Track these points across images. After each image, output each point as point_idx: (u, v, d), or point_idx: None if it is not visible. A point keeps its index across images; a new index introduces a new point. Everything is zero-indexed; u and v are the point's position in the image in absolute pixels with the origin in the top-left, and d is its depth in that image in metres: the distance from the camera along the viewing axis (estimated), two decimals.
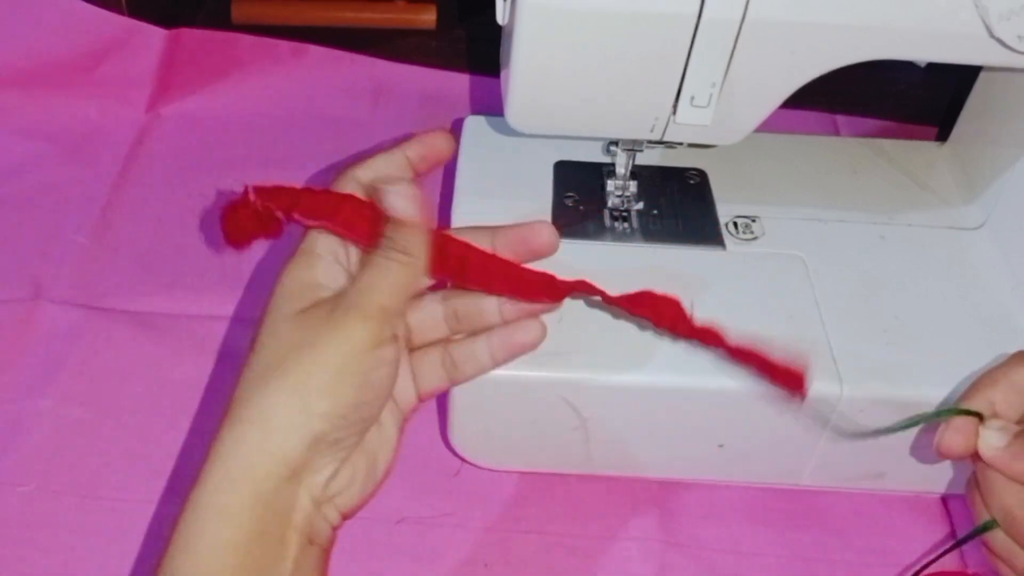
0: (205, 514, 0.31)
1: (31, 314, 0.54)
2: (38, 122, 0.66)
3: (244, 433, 0.31)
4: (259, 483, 0.31)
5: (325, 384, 0.31)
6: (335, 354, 0.32)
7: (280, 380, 0.31)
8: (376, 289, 0.33)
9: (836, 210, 0.50)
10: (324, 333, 0.32)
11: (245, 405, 0.32)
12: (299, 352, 0.32)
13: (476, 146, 0.53)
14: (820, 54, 0.39)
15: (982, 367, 0.42)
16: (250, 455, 0.31)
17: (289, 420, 0.31)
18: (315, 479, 0.32)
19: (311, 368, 0.31)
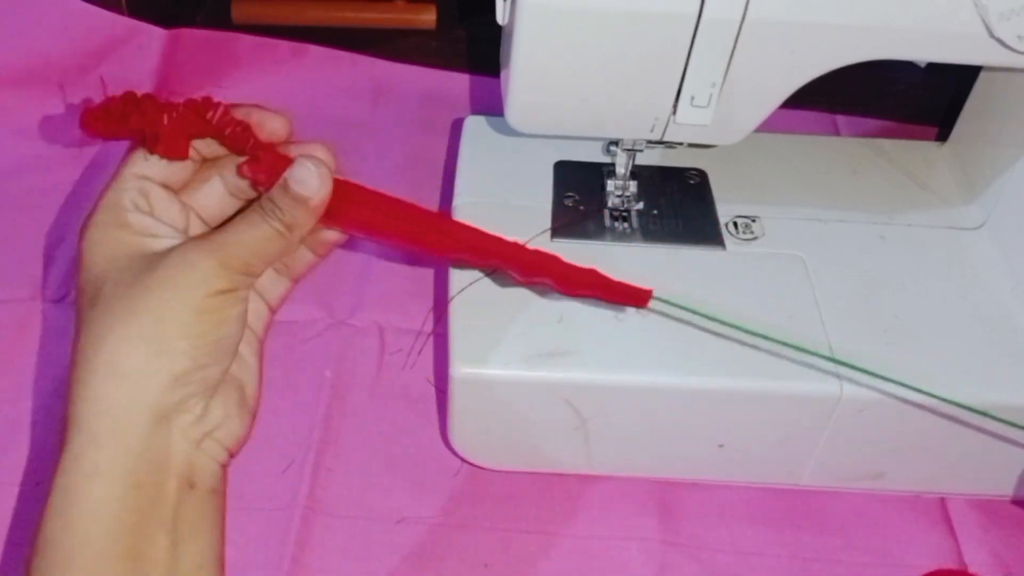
0: (74, 476, 0.29)
1: (31, 314, 0.54)
2: (38, 122, 0.66)
3: (100, 386, 0.30)
4: (125, 435, 0.30)
5: (183, 323, 0.30)
6: (192, 295, 0.30)
7: (131, 327, 0.30)
8: (242, 244, 0.32)
9: (836, 210, 0.50)
10: (180, 273, 0.30)
11: (95, 354, 0.30)
12: (149, 292, 0.30)
13: (476, 146, 0.53)
14: (820, 54, 0.39)
15: (982, 367, 0.42)
16: (111, 409, 0.30)
17: (147, 364, 0.30)
18: (185, 419, 0.31)
19: (166, 309, 0.30)
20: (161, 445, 0.30)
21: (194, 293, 0.30)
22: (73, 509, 0.29)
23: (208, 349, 0.31)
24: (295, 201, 0.32)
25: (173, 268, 0.30)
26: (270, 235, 0.32)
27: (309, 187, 0.32)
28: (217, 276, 0.31)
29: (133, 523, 0.29)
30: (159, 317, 0.30)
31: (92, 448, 0.29)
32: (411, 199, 0.63)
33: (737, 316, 0.44)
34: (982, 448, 0.44)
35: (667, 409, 0.42)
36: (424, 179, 0.64)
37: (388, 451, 0.48)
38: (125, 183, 0.33)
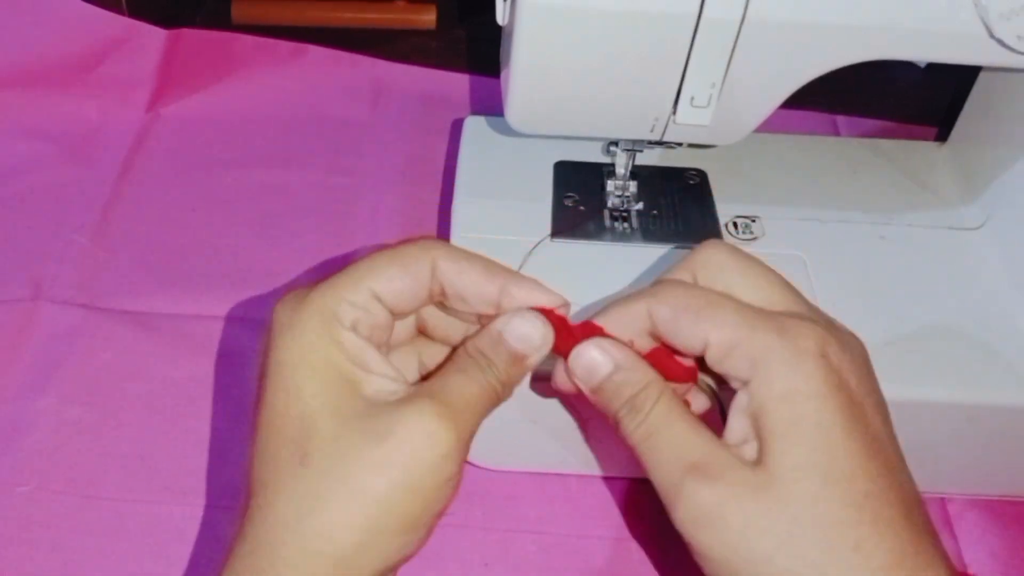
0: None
1: (31, 314, 0.54)
2: (38, 122, 0.66)
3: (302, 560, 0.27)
4: None
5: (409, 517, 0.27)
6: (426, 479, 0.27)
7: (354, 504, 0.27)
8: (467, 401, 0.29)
9: (836, 210, 0.50)
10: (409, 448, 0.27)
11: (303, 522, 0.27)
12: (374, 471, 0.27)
13: (476, 146, 0.53)
14: (820, 54, 0.39)
15: (982, 367, 0.42)
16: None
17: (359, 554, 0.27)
18: None
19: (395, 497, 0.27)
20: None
21: (428, 479, 0.27)
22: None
23: (421, 538, 0.29)
24: (512, 357, 0.30)
25: (405, 441, 0.27)
26: (489, 391, 0.30)
27: (530, 343, 0.30)
28: (452, 447, 0.28)
29: None
30: (387, 507, 0.27)
31: None
32: (411, 199, 0.63)
33: None
34: (982, 448, 0.44)
35: None
36: (424, 179, 0.64)
37: None
38: (356, 296, 0.29)
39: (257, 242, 0.59)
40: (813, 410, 0.27)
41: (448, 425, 0.28)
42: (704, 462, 0.28)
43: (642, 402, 0.30)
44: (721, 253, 0.32)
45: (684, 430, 0.29)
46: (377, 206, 0.62)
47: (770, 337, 0.28)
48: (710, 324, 0.29)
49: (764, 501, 0.27)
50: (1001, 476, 0.46)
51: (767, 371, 0.28)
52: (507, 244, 0.46)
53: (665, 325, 0.30)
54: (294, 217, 0.61)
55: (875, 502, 0.27)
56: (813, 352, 0.28)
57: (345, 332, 0.29)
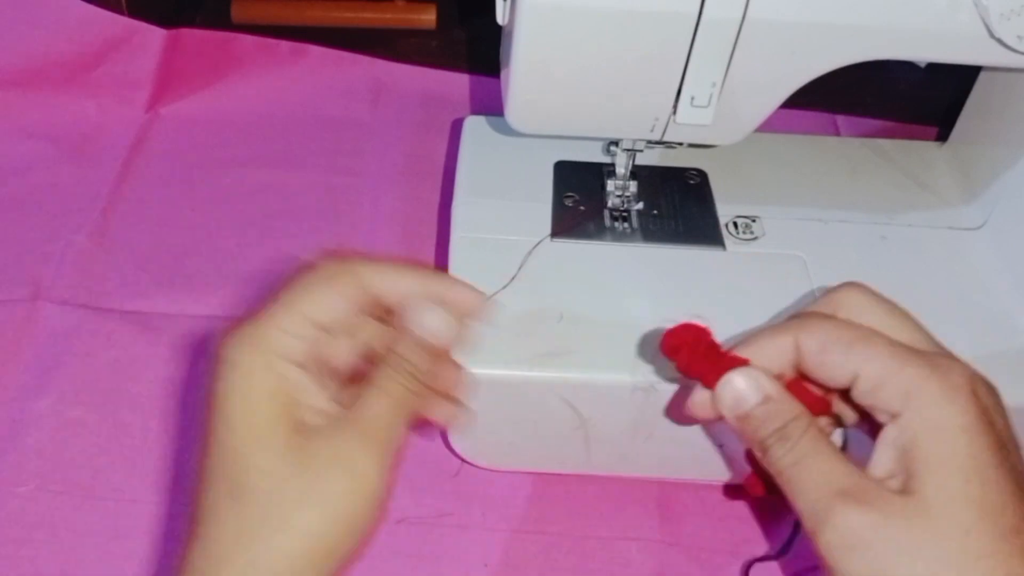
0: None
1: (31, 314, 0.54)
2: (38, 122, 0.66)
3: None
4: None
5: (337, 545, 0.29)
6: (350, 511, 0.29)
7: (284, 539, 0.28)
8: (385, 423, 0.30)
9: (836, 210, 0.50)
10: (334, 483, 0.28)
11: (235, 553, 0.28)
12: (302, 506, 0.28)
13: (476, 146, 0.53)
14: (820, 54, 0.39)
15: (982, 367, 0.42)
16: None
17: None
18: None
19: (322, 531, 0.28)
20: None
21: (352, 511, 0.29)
22: None
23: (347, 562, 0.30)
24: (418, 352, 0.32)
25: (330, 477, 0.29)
26: (401, 395, 0.31)
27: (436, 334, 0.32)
28: (374, 477, 0.29)
29: None
30: (315, 540, 0.28)
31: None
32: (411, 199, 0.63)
33: (737, 316, 0.44)
34: None
35: (667, 409, 0.42)
36: (424, 179, 0.64)
37: None
38: (290, 323, 0.31)
39: (257, 242, 0.59)
40: (967, 444, 0.28)
41: (367, 450, 0.29)
42: (855, 488, 0.29)
43: (791, 432, 0.31)
44: (862, 293, 0.33)
45: (832, 458, 0.30)
46: (377, 206, 0.62)
47: (924, 372, 0.29)
48: (861, 357, 0.30)
49: (916, 529, 0.28)
50: None
51: (920, 404, 0.29)
52: (507, 244, 0.46)
53: (813, 357, 0.32)
54: (294, 217, 0.61)
55: (1022, 538, 0.28)
56: (965, 389, 0.29)
57: (281, 362, 0.30)
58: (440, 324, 0.32)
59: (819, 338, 0.31)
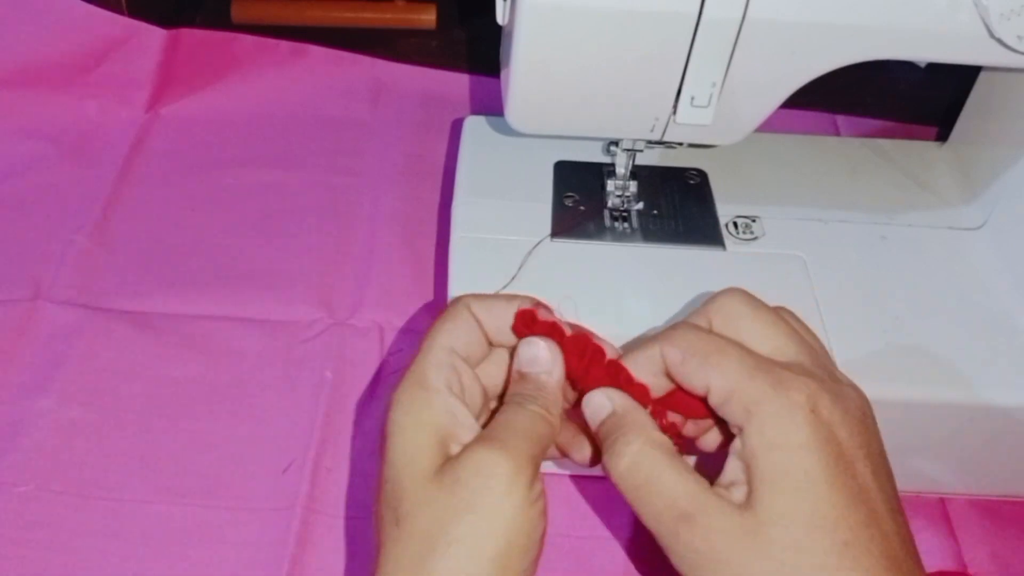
0: None
1: (31, 314, 0.54)
2: (38, 122, 0.66)
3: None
4: None
5: (499, 551, 0.29)
6: (502, 515, 0.29)
7: (444, 558, 0.29)
8: (526, 432, 0.31)
9: (836, 210, 0.50)
10: (483, 496, 0.29)
11: None
12: (458, 524, 0.29)
13: (476, 146, 0.53)
14: (820, 54, 0.39)
15: (982, 367, 0.42)
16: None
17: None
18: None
19: (477, 539, 0.29)
20: None
21: (504, 511, 0.29)
22: None
23: (523, 567, 0.30)
24: (536, 385, 0.33)
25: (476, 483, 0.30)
26: (535, 417, 0.32)
27: (542, 364, 0.33)
28: (521, 477, 0.30)
29: None
30: (470, 550, 0.29)
31: None
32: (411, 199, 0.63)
33: None
34: (982, 448, 0.44)
35: None
36: (424, 179, 0.64)
37: None
38: (438, 356, 0.33)
39: (257, 242, 0.59)
40: (799, 461, 0.29)
41: (500, 453, 0.30)
42: (694, 511, 0.30)
43: (621, 447, 0.31)
44: (736, 300, 0.34)
45: (672, 478, 0.30)
46: (377, 206, 0.62)
47: (764, 388, 0.30)
48: (713, 370, 0.31)
49: (754, 545, 0.29)
50: (1001, 476, 0.46)
51: (759, 420, 0.30)
52: (507, 244, 0.46)
53: (675, 368, 0.33)
54: (294, 217, 0.61)
55: (855, 550, 0.28)
56: (803, 405, 0.30)
57: (436, 394, 0.32)
58: (540, 354, 0.33)
59: (680, 349, 0.32)
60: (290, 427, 0.49)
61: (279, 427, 0.49)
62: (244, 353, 0.52)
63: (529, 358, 0.33)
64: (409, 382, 0.32)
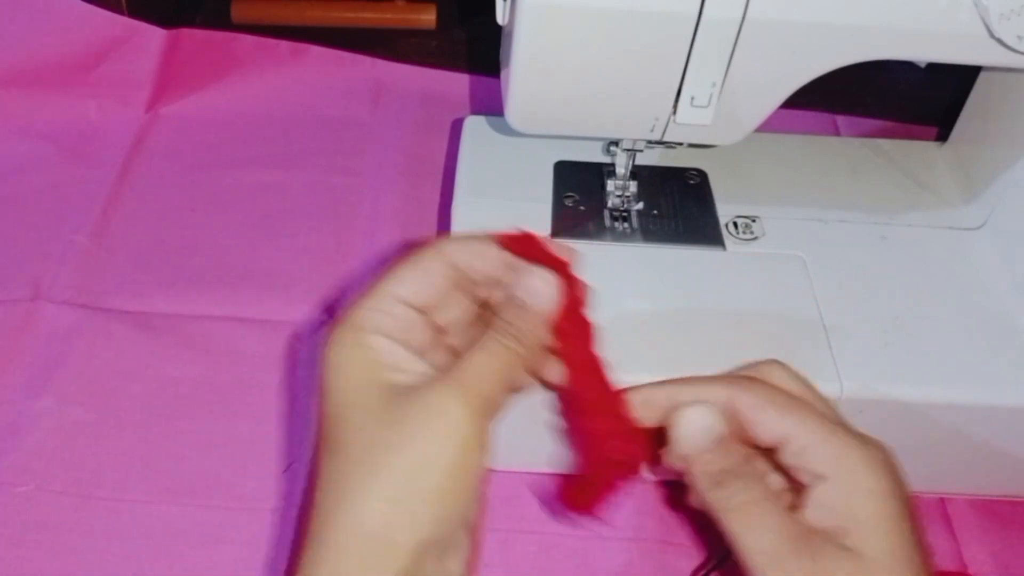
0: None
1: (31, 314, 0.54)
2: (38, 122, 0.66)
3: (344, 544, 0.28)
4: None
5: (432, 488, 0.28)
6: (441, 452, 0.29)
7: (377, 484, 0.28)
8: (483, 378, 0.30)
9: (836, 210, 0.50)
10: (423, 428, 0.29)
11: (338, 508, 0.28)
12: (392, 451, 0.29)
13: (476, 146, 0.53)
14: (820, 54, 0.39)
15: (982, 367, 0.42)
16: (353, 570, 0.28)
17: (393, 531, 0.28)
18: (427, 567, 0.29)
19: (414, 472, 0.28)
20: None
21: (446, 453, 0.29)
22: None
23: (454, 511, 0.29)
24: (523, 317, 0.32)
25: (422, 421, 0.29)
26: (504, 356, 0.31)
27: (540, 297, 0.33)
28: (471, 426, 0.29)
29: None
30: (407, 480, 0.28)
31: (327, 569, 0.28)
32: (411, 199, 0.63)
33: (737, 316, 0.44)
34: (982, 448, 0.44)
35: None
36: (424, 179, 0.64)
37: None
38: (378, 303, 0.32)
39: (257, 242, 0.59)
40: (891, 506, 0.32)
41: (456, 396, 0.30)
42: (805, 538, 0.32)
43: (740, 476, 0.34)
44: (784, 370, 0.37)
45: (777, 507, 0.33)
46: (377, 206, 0.62)
47: (853, 441, 0.34)
48: (794, 421, 0.34)
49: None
50: (1001, 476, 0.46)
51: (851, 469, 0.33)
52: None
53: (748, 413, 0.34)
54: (294, 217, 0.61)
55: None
56: (885, 460, 0.34)
57: (371, 336, 0.31)
58: (541, 285, 0.33)
59: (757, 398, 0.34)
60: (290, 427, 0.49)
61: (279, 427, 0.49)
62: (244, 353, 0.52)
63: (531, 289, 0.33)
64: (343, 324, 0.32)
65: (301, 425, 0.49)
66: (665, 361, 0.42)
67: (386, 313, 0.32)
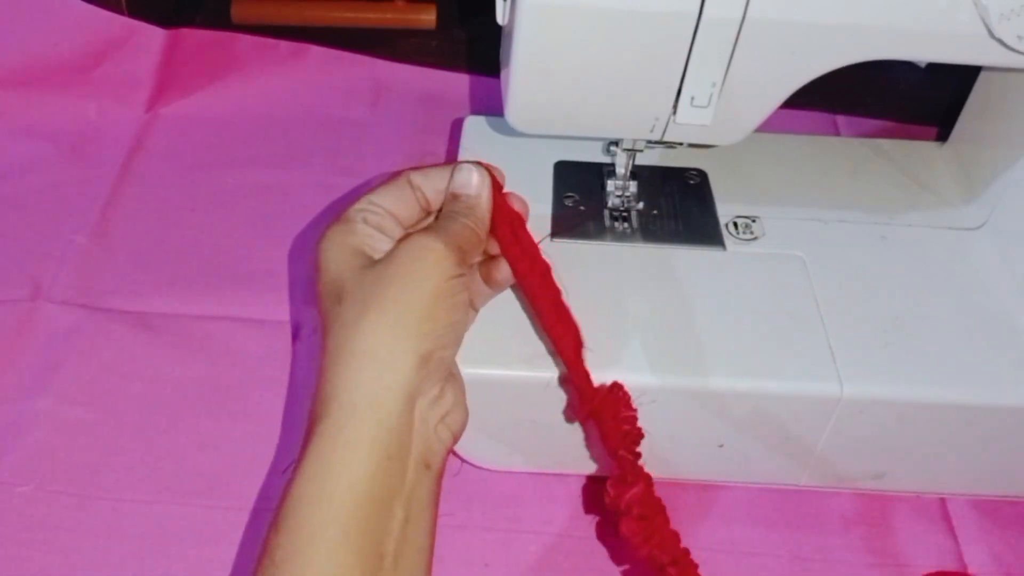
0: (333, 445, 0.32)
1: (31, 314, 0.54)
2: (38, 122, 0.66)
3: (358, 368, 0.33)
4: (381, 411, 0.33)
5: (425, 308, 0.34)
6: (429, 282, 0.34)
7: (381, 315, 0.33)
8: (455, 233, 0.36)
9: (836, 210, 0.50)
10: (417, 260, 0.35)
11: (348, 340, 0.33)
12: (392, 283, 0.34)
13: (476, 146, 0.53)
14: (820, 54, 0.39)
15: (982, 367, 0.42)
16: (369, 387, 0.33)
17: (397, 347, 0.33)
18: (424, 400, 0.35)
19: (409, 296, 0.34)
20: (407, 424, 0.34)
21: (431, 279, 0.34)
22: (330, 475, 0.32)
23: (445, 331, 0.35)
24: (466, 204, 0.38)
25: (410, 258, 0.35)
26: (464, 226, 0.37)
27: (470, 186, 0.38)
28: (448, 259, 0.35)
29: (380, 494, 0.33)
30: (405, 304, 0.34)
31: (352, 422, 0.33)
32: None
33: (737, 316, 0.44)
34: (982, 448, 0.44)
35: (667, 409, 0.42)
36: None
37: None
38: (362, 204, 0.38)
39: (257, 242, 0.59)
40: None
41: (433, 236, 0.35)
42: None
43: None
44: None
45: None
46: None
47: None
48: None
49: None
50: (1001, 476, 0.46)
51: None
52: None
53: None
54: (294, 217, 0.61)
55: None
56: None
57: (357, 225, 0.37)
58: (470, 176, 0.38)
59: None
60: (290, 427, 0.49)
61: (279, 427, 0.49)
62: (244, 353, 0.52)
63: (462, 181, 0.38)
64: (334, 222, 0.37)
65: (301, 425, 0.49)
66: (665, 361, 0.42)
67: (368, 211, 0.38)
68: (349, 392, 0.33)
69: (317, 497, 0.32)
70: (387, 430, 0.33)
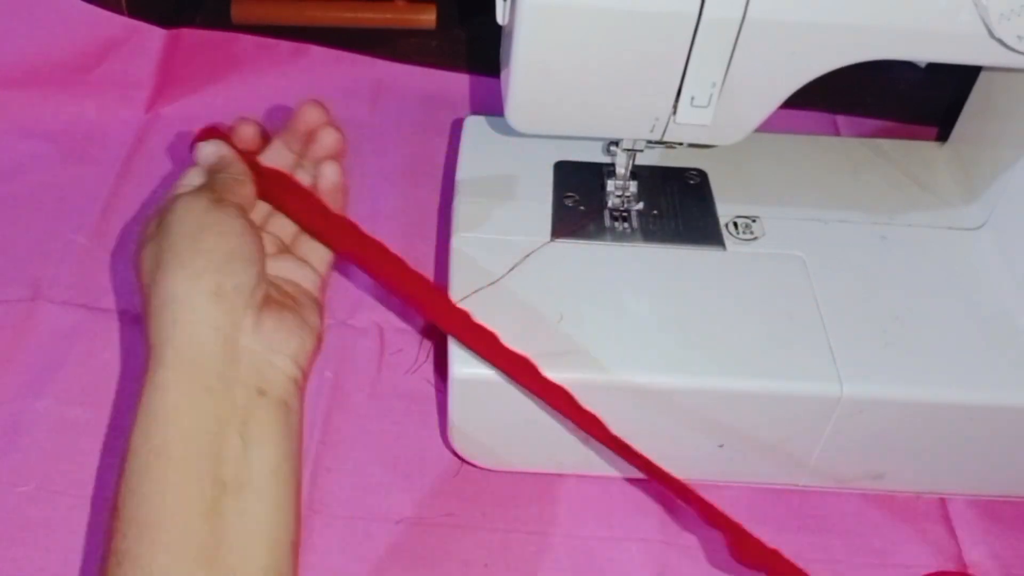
0: (151, 392, 0.34)
1: (31, 314, 0.54)
2: (38, 122, 0.66)
3: (161, 316, 0.35)
4: (188, 350, 0.35)
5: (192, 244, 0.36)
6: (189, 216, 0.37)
7: (165, 265, 0.36)
8: (222, 184, 0.40)
9: (836, 210, 0.50)
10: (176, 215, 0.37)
11: (155, 297, 0.36)
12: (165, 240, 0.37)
13: (476, 146, 0.53)
14: (820, 54, 0.39)
15: (982, 367, 0.42)
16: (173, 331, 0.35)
17: (186, 287, 0.35)
18: (242, 331, 0.36)
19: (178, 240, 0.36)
20: (225, 356, 0.35)
21: (190, 213, 0.37)
22: (152, 419, 0.34)
23: (223, 260, 0.36)
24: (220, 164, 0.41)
25: (173, 210, 0.37)
26: (227, 179, 0.40)
27: (212, 157, 0.41)
28: (200, 196, 0.38)
29: (205, 424, 0.34)
30: (178, 247, 0.36)
31: (163, 366, 0.35)
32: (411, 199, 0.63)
33: (737, 316, 0.44)
34: (982, 448, 0.44)
35: (667, 409, 0.42)
36: (424, 179, 0.64)
37: (388, 451, 0.48)
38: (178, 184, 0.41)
39: None
40: None
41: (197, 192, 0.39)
42: None
43: None
44: None
45: None
46: (377, 206, 0.62)
47: None
48: None
49: None
50: (1001, 476, 0.46)
51: None
52: (507, 244, 0.46)
53: None
54: None
55: None
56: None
57: None
58: (209, 149, 0.42)
59: None
60: None
61: None
62: None
63: (206, 154, 0.41)
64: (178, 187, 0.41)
65: None
66: (665, 361, 0.42)
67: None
68: (158, 341, 0.35)
69: (144, 438, 0.34)
70: (199, 366, 0.35)
